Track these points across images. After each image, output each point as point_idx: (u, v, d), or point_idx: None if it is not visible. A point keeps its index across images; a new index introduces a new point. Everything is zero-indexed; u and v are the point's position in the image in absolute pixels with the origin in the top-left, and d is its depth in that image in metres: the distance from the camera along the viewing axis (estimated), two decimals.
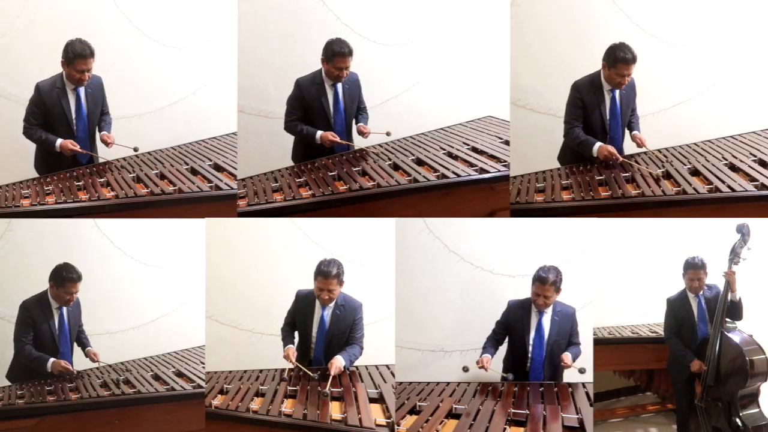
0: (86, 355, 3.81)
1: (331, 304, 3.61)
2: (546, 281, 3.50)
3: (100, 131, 3.84)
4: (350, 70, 3.88)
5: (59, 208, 3.45)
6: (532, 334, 3.56)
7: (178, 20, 4.23)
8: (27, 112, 3.72)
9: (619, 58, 3.62)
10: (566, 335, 3.57)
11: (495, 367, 3.60)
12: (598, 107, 3.70)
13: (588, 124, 3.72)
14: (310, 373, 3.44)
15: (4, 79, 3.87)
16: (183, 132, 4.20)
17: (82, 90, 3.74)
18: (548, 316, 3.57)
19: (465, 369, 3.50)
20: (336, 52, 3.80)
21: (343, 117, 3.92)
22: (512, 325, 3.61)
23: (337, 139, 3.85)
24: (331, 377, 3.32)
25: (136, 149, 3.85)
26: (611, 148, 3.63)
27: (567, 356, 3.49)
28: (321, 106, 3.87)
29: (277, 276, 3.88)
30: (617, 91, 3.71)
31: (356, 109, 4.00)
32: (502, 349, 3.68)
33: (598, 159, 3.65)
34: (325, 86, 3.87)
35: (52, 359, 3.63)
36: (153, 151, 4.04)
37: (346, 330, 3.62)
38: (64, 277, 3.65)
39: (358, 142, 3.96)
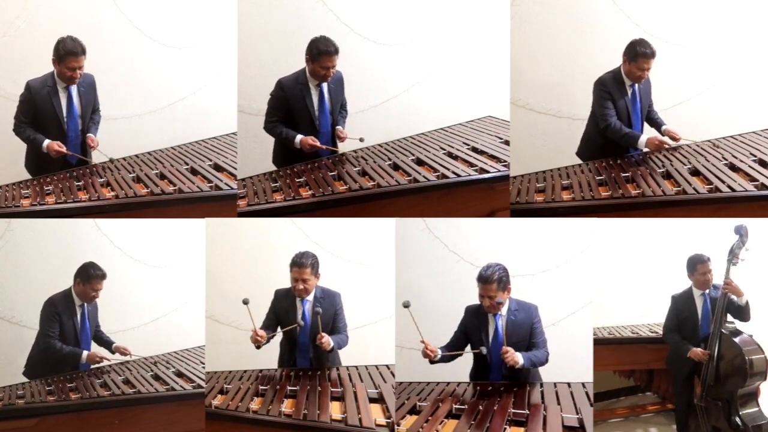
0: (114, 351, 3.83)
1: (310, 297, 3.62)
2: (487, 280, 3.29)
3: (87, 131, 3.79)
4: (336, 69, 3.81)
5: (59, 208, 3.45)
6: (490, 338, 3.39)
7: (178, 20, 4.23)
8: (17, 110, 3.69)
9: (639, 53, 3.69)
10: (525, 337, 3.35)
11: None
12: (623, 100, 3.75)
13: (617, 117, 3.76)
14: (292, 326, 3.54)
15: (5, 79, 3.88)
16: (183, 132, 4.20)
17: (74, 89, 3.71)
18: (504, 319, 3.39)
19: (405, 304, 3.26)
20: (322, 51, 3.71)
21: (328, 118, 3.85)
22: (470, 330, 3.46)
23: (317, 143, 3.77)
24: (321, 342, 3.49)
25: (111, 160, 3.77)
26: (660, 137, 3.73)
27: (508, 355, 3.21)
28: (305, 108, 3.79)
29: (277, 276, 3.88)
30: (636, 86, 3.76)
31: (338, 108, 3.92)
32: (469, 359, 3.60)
33: (646, 150, 3.71)
34: (310, 86, 3.79)
35: (86, 351, 3.69)
36: (153, 151, 4.04)
37: (329, 321, 3.63)
38: (92, 274, 3.70)
39: (342, 146, 3.92)
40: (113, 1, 4.13)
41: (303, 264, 3.57)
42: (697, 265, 3.60)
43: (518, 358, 3.25)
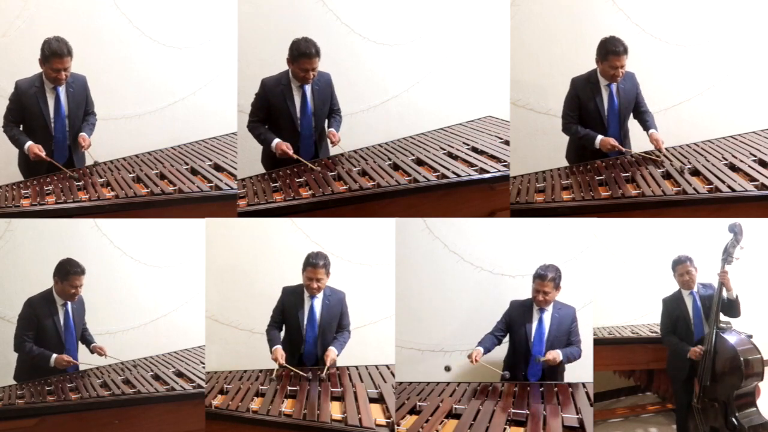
0: (92, 351, 3.80)
1: (320, 295, 3.68)
2: (545, 277, 3.55)
3: (80, 132, 3.75)
4: (323, 71, 3.77)
5: (59, 208, 3.45)
6: (534, 329, 3.59)
7: (178, 20, 4.23)
8: (6, 109, 3.68)
9: (609, 50, 3.66)
10: (566, 332, 3.60)
11: (494, 366, 3.61)
12: (593, 101, 3.72)
13: (586, 119, 3.74)
14: (301, 372, 3.49)
15: (5, 78, 3.87)
16: (183, 132, 4.20)
17: (62, 89, 3.68)
18: (549, 314, 3.61)
19: (447, 368, 3.49)
20: (301, 53, 3.65)
21: (311, 120, 3.79)
22: (514, 322, 3.64)
23: (290, 152, 3.69)
24: (327, 367, 3.52)
25: (96, 163, 3.74)
26: (613, 141, 3.68)
27: (552, 353, 3.52)
28: (286, 109, 3.75)
29: (277, 276, 3.88)
30: (614, 86, 3.73)
31: (328, 111, 3.88)
32: (503, 349, 3.68)
33: (602, 151, 3.70)
34: (292, 87, 3.75)
35: (54, 355, 3.63)
36: (153, 151, 4.04)
37: (336, 318, 3.71)
38: (68, 270, 3.66)
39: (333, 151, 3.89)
40: (113, 1, 4.13)
41: (317, 264, 3.64)
42: (676, 266, 3.64)
43: (558, 354, 3.53)
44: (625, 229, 4.01)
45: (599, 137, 3.70)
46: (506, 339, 3.68)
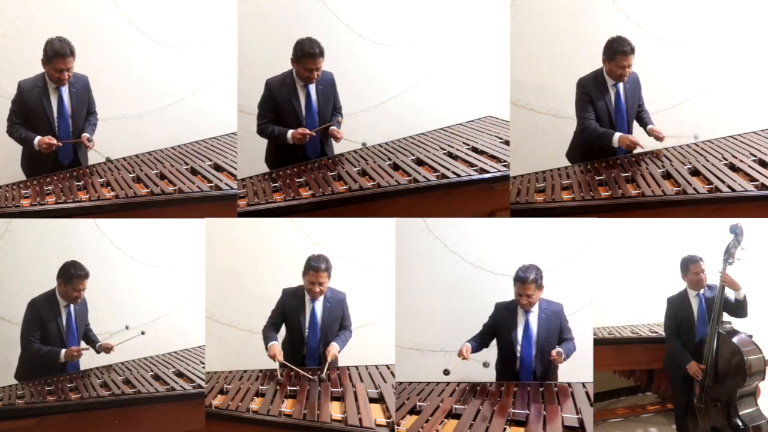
0: (99, 350, 3.80)
1: (320, 297, 3.66)
2: (526, 280, 3.47)
3: (83, 132, 3.76)
4: (325, 70, 3.79)
5: (59, 208, 3.45)
6: (520, 334, 3.53)
7: (178, 20, 4.23)
8: (10, 111, 3.68)
9: (617, 50, 3.67)
10: (555, 332, 3.54)
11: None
12: (603, 101, 3.72)
13: (595, 119, 3.74)
14: (303, 372, 3.48)
15: (5, 78, 3.88)
16: (183, 132, 4.20)
17: (65, 89, 3.68)
18: (535, 315, 3.54)
19: (446, 372, 3.39)
20: (306, 53, 3.69)
21: (315, 119, 3.82)
22: (500, 326, 3.59)
23: (308, 131, 3.73)
24: (328, 363, 3.50)
25: (109, 159, 3.76)
26: (633, 137, 3.68)
27: (555, 351, 3.46)
28: (292, 108, 3.77)
29: (277, 276, 3.88)
30: (620, 85, 3.74)
31: (331, 110, 3.89)
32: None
33: (620, 149, 3.69)
34: (297, 87, 3.78)
35: (64, 350, 3.65)
36: (153, 151, 4.04)
37: (337, 320, 3.70)
38: (73, 273, 3.65)
39: (338, 147, 3.91)
40: (113, 1, 4.13)
41: (319, 268, 3.62)
42: (689, 266, 3.61)
43: (561, 353, 3.46)
44: (625, 229, 4.01)
45: (617, 134, 3.68)
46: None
